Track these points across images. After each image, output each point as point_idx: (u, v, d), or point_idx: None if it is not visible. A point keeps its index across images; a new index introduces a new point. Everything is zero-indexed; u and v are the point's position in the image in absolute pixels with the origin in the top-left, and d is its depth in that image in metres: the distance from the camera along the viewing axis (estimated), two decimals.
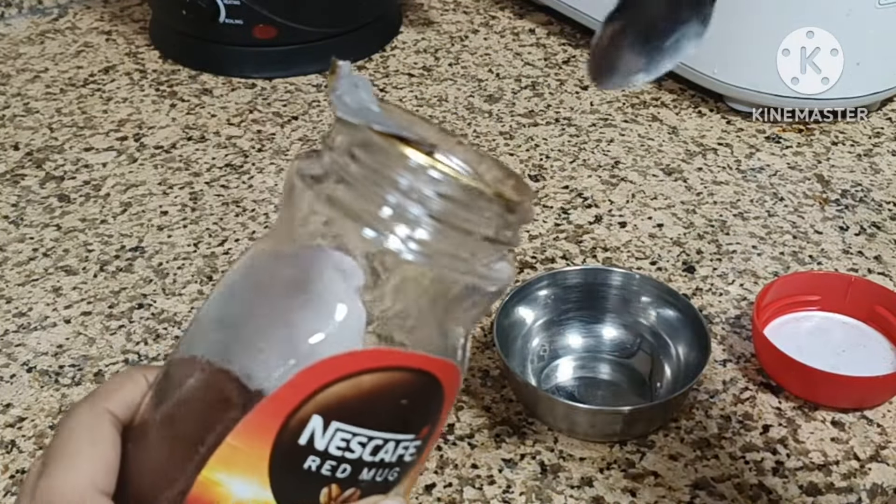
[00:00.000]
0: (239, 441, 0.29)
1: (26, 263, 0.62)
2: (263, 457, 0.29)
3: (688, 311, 0.53)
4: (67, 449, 0.31)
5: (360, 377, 0.30)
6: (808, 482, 0.48)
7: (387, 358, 0.31)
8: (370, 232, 0.29)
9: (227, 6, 0.79)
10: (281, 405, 0.29)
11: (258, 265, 0.32)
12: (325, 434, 0.30)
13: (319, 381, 0.29)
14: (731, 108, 0.78)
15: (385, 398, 0.31)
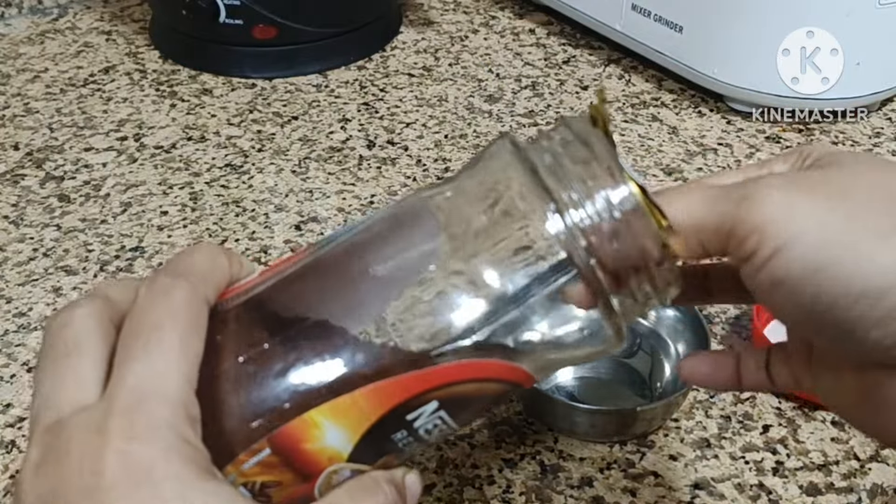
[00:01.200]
0: (365, 398, 0.29)
1: (26, 263, 0.62)
2: (371, 418, 0.29)
3: (688, 311, 0.53)
4: (170, 336, 0.27)
5: (486, 384, 0.31)
6: (808, 482, 0.48)
7: (518, 374, 0.31)
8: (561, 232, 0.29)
9: (227, 6, 0.79)
10: (423, 382, 0.30)
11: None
12: (426, 417, 0.30)
13: (462, 375, 0.30)
14: (731, 108, 0.78)
15: (484, 400, 0.32)
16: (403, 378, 0.29)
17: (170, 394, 0.26)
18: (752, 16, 0.72)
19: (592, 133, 0.31)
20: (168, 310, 0.28)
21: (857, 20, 0.71)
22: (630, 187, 0.30)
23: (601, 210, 0.29)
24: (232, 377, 0.29)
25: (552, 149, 0.31)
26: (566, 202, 0.29)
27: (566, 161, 0.30)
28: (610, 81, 0.83)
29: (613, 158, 0.30)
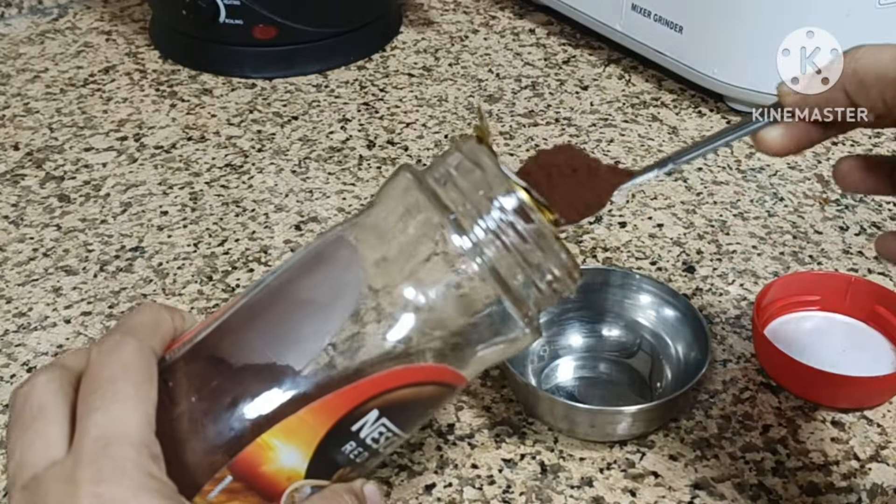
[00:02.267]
0: (311, 416, 0.32)
1: (26, 263, 0.62)
2: (320, 434, 0.32)
3: (688, 311, 0.53)
4: (125, 386, 0.30)
5: (421, 387, 0.33)
6: (808, 482, 0.48)
7: (448, 375, 0.34)
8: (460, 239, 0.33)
9: (227, 6, 0.79)
10: (361, 393, 0.32)
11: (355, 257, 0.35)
12: (371, 426, 0.33)
13: (395, 383, 0.33)
14: (731, 108, 0.78)
15: (424, 405, 0.35)
16: (342, 391, 0.32)
17: (131, 437, 0.29)
18: (752, 16, 0.72)
19: (479, 150, 0.35)
20: (119, 364, 0.30)
21: (857, 20, 0.71)
22: (518, 192, 0.34)
23: (497, 217, 0.33)
24: (187, 416, 0.32)
25: (446, 170, 0.34)
26: (464, 214, 0.33)
27: (459, 178, 0.34)
28: (610, 81, 0.83)
29: (499, 169, 0.34)
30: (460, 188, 0.34)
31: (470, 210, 0.33)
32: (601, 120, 0.78)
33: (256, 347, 0.33)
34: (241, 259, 0.62)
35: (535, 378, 0.53)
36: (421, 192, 0.34)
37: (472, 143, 0.35)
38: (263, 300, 0.34)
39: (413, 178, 0.34)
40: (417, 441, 0.49)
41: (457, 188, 0.34)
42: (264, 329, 0.33)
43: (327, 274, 0.35)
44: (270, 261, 0.62)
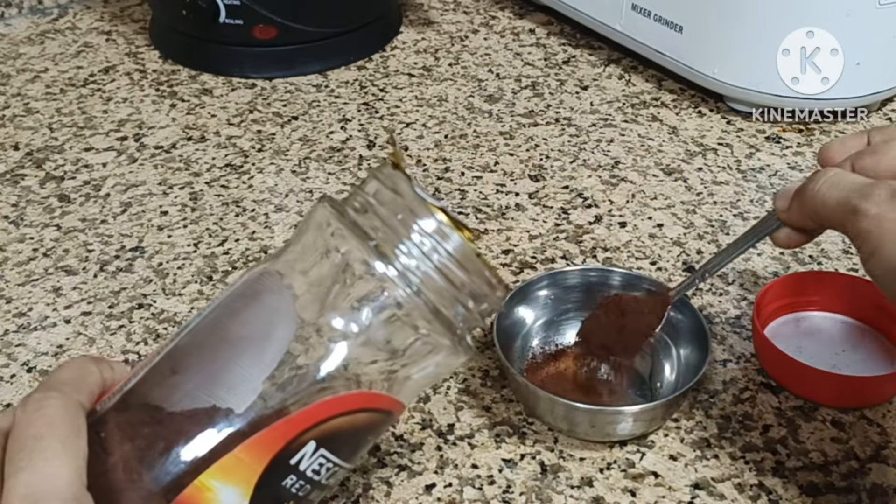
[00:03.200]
0: (246, 454, 0.32)
1: (26, 263, 0.62)
2: (258, 471, 0.32)
3: (688, 311, 0.53)
4: (50, 442, 0.30)
5: (356, 414, 0.34)
6: (808, 482, 0.48)
7: (382, 401, 0.34)
8: (382, 265, 0.33)
9: (227, 6, 0.79)
10: (291, 427, 0.32)
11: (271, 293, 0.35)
12: (310, 458, 0.33)
13: (328, 413, 0.33)
14: (731, 108, 0.78)
15: (361, 433, 0.35)
16: (276, 426, 0.32)
17: (61, 492, 0.28)
18: (752, 16, 0.72)
19: (396, 176, 0.35)
20: (44, 420, 0.30)
21: (857, 20, 0.71)
22: (435, 214, 0.34)
23: (417, 240, 0.34)
24: (122, 465, 0.31)
25: (364, 199, 0.35)
26: (385, 240, 0.34)
27: (377, 206, 0.34)
28: (610, 81, 0.83)
29: (415, 193, 0.34)
30: (379, 215, 0.34)
31: (391, 236, 0.34)
32: (601, 120, 0.78)
33: (187, 390, 0.33)
34: (241, 259, 0.62)
35: None
36: (341, 222, 0.34)
37: (388, 169, 0.35)
38: (192, 342, 0.34)
39: (332, 209, 0.35)
40: (417, 441, 0.50)
41: (376, 215, 0.34)
42: (194, 371, 0.33)
43: (254, 310, 0.35)
44: None
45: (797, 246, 0.47)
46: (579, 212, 0.67)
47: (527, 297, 0.55)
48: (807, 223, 0.45)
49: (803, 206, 0.43)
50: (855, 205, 0.39)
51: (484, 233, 0.35)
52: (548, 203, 0.68)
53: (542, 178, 0.70)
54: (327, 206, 0.35)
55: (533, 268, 0.62)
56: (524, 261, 0.62)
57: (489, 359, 0.55)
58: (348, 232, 0.34)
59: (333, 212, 0.35)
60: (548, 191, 0.69)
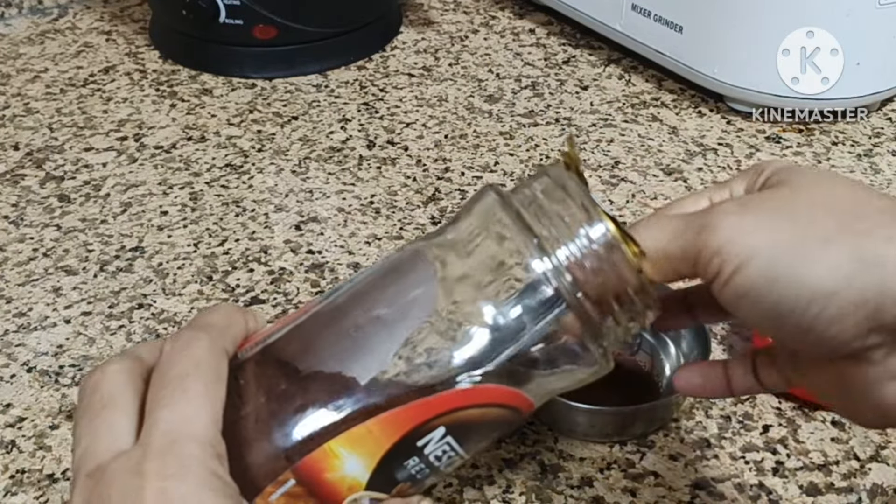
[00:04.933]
0: (378, 427, 0.32)
1: (26, 263, 0.62)
2: (385, 446, 0.32)
3: None
4: (195, 384, 0.30)
5: (489, 409, 0.33)
6: (808, 482, 0.48)
7: (517, 399, 0.34)
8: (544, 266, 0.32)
9: (227, 6, 0.79)
10: (429, 409, 0.32)
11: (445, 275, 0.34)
12: (437, 442, 0.33)
13: (465, 402, 0.33)
14: (731, 108, 0.78)
15: (490, 427, 0.34)
16: (411, 406, 0.32)
17: (198, 435, 0.29)
18: (752, 16, 0.72)
19: (566, 176, 0.34)
20: (191, 360, 0.31)
21: (857, 20, 0.71)
22: (605, 222, 0.33)
23: (581, 244, 0.33)
24: (254, 417, 0.32)
25: (532, 193, 0.34)
26: (548, 239, 0.33)
27: (545, 203, 0.33)
28: (610, 81, 0.83)
29: (587, 197, 0.33)
30: (546, 212, 0.33)
31: (554, 235, 0.33)
32: (601, 120, 0.78)
33: (328, 356, 0.33)
34: (241, 259, 0.62)
35: None
36: (505, 212, 0.33)
37: (560, 168, 0.35)
38: (338, 309, 0.34)
39: (498, 197, 0.34)
40: None
41: (542, 212, 0.33)
42: (336, 339, 0.33)
43: (402, 288, 0.34)
44: (270, 261, 0.62)
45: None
46: None
47: None
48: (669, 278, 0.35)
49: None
50: (701, 223, 0.33)
51: (643, 254, 0.33)
52: None
53: None
54: (494, 195, 0.34)
55: None
56: None
57: None
58: (512, 223, 0.33)
59: (500, 200, 0.34)
60: None
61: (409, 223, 0.66)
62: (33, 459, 0.49)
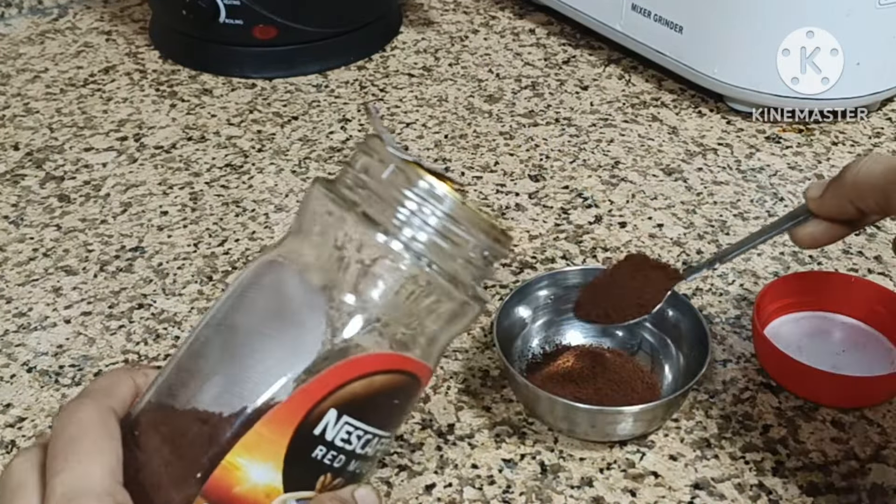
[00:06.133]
0: (267, 428, 0.32)
1: (26, 263, 0.62)
2: (283, 444, 0.32)
3: (688, 311, 0.53)
4: (83, 444, 0.32)
5: (372, 378, 0.33)
6: (808, 482, 0.48)
7: (396, 362, 0.34)
8: (382, 237, 0.33)
9: (227, 6, 0.79)
10: (307, 398, 0.32)
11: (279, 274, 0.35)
12: (335, 427, 0.33)
13: (342, 378, 0.33)
14: (731, 108, 0.78)
15: (385, 397, 0.35)
16: (291, 398, 0.32)
17: (94, 488, 0.31)
18: (752, 16, 0.72)
19: (376, 145, 0.35)
20: (77, 425, 0.32)
21: (857, 20, 0.71)
22: (422, 175, 0.34)
23: (411, 206, 0.34)
24: (155, 461, 0.33)
25: (353, 174, 0.35)
26: (380, 212, 0.34)
27: (366, 178, 0.34)
28: (610, 81, 0.83)
29: (398, 157, 0.34)
30: (371, 188, 0.34)
31: (386, 208, 0.34)
32: (601, 120, 0.78)
33: (205, 379, 0.34)
34: (241, 259, 0.62)
35: None
36: (335, 203, 0.34)
37: (372, 141, 0.36)
38: (209, 336, 0.35)
39: (325, 189, 0.35)
40: (417, 441, 0.50)
41: (366, 188, 0.34)
42: (210, 362, 0.34)
43: (261, 297, 0.35)
44: None
45: (819, 245, 0.45)
46: (579, 212, 0.67)
47: (527, 297, 0.55)
48: (843, 208, 0.43)
49: (841, 188, 0.42)
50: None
51: (463, 189, 0.35)
52: (548, 203, 0.68)
53: (542, 178, 0.70)
54: (321, 188, 0.35)
55: (533, 268, 0.62)
56: (524, 261, 0.62)
57: (489, 359, 0.55)
58: (345, 211, 0.34)
59: (327, 192, 0.35)
60: (548, 191, 0.69)
61: None
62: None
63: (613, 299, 0.50)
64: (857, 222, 0.44)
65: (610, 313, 0.50)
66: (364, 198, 0.34)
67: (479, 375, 0.54)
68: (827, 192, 0.43)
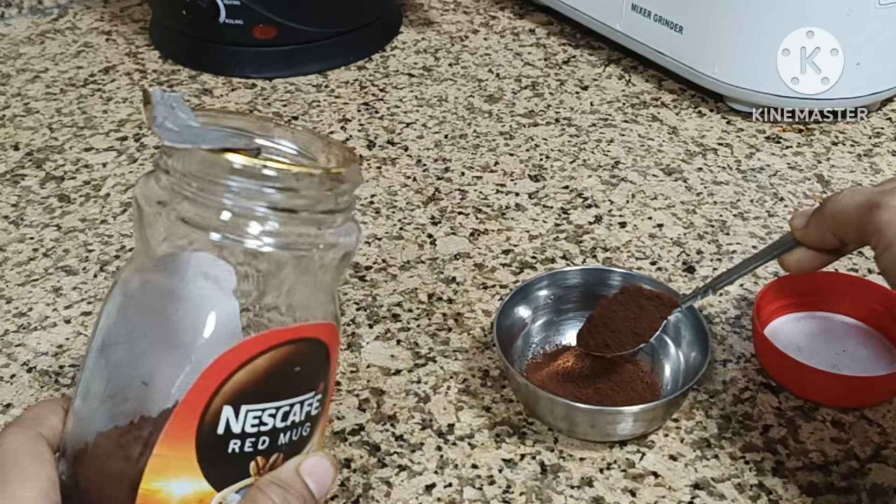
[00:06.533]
0: (165, 449, 0.32)
1: (26, 263, 0.62)
2: (190, 456, 0.32)
3: (688, 311, 0.53)
4: (13, 469, 0.32)
5: (253, 362, 0.33)
6: (808, 482, 0.48)
7: (270, 339, 0.33)
8: (216, 235, 0.32)
9: (227, 6, 0.79)
10: (192, 408, 0.32)
11: (133, 292, 0.35)
12: (238, 419, 0.33)
13: (219, 378, 0.32)
14: (731, 108, 0.78)
15: (280, 371, 0.34)
16: (176, 415, 0.32)
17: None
18: (752, 16, 0.72)
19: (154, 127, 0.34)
20: (6, 453, 0.32)
21: (857, 20, 0.71)
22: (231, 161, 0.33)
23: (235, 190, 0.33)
24: (85, 494, 0.33)
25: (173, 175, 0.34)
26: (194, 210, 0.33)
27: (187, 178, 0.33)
28: (610, 81, 0.83)
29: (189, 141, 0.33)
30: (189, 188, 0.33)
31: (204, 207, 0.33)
32: (601, 120, 0.78)
33: (94, 412, 0.34)
34: None
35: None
36: (164, 210, 0.33)
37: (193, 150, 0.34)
38: (88, 365, 0.35)
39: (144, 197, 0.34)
40: (417, 441, 0.50)
41: (188, 187, 0.33)
42: (94, 392, 0.34)
43: (122, 320, 0.35)
44: None
45: (806, 272, 0.48)
46: (579, 212, 0.67)
47: (527, 297, 0.55)
48: (825, 237, 0.45)
49: (822, 219, 0.44)
50: (876, 201, 0.40)
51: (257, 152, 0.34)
52: (548, 203, 0.68)
53: (542, 178, 0.70)
54: (139, 196, 0.34)
55: (533, 268, 0.62)
56: (524, 261, 0.62)
57: (489, 359, 0.55)
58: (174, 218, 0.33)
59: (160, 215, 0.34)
60: (548, 191, 0.69)
61: (409, 223, 0.66)
62: None
63: (610, 331, 0.51)
64: (840, 251, 0.46)
65: (609, 343, 0.51)
66: (179, 199, 0.33)
67: (479, 375, 0.54)
68: (810, 223, 0.45)
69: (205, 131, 0.34)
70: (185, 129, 0.33)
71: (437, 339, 0.56)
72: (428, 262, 0.62)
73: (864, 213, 0.41)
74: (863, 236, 0.41)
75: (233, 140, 0.33)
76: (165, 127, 0.33)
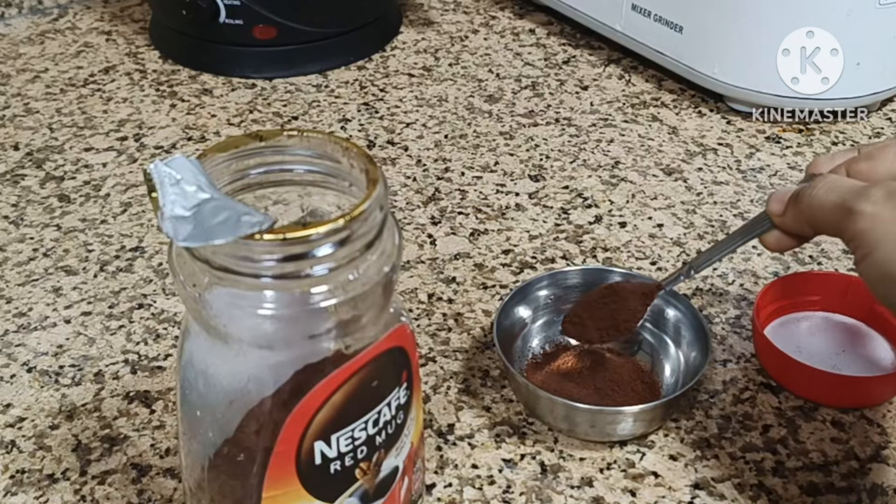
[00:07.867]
0: (272, 493, 0.34)
1: (26, 263, 0.62)
2: (298, 489, 0.34)
3: (688, 311, 0.53)
4: None
5: (332, 399, 0.33)
6: (808, 482, 0.48)
7: (344, 374, 0.34)
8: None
9: (227, 6, 0.79)
10: (285, 456, 0.33)
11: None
12: (331, 447, 0.34)
13: (303, 422, 0.33)
14: (731, 108, 0.78)
15: (358, 394, 0.34)
16: (274, 462, 0.34)
17: None
18: (752, 16, 0.72)
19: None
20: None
21: (857, 20, 0.71)
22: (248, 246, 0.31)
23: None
24: None
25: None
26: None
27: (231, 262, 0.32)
28: (610, 81, 0.83)
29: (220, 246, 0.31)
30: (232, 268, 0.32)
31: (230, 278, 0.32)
32: (601, 120, 0.78)
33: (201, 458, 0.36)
34: None
35: None
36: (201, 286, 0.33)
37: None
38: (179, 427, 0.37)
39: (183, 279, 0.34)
40: None
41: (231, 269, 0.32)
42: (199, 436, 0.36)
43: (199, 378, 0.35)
44: None
45: (787, 250, 0.47)
46: (579, 212, 0.67)
47: (527, 297, 0.55)
48: (802, 229, 0.44)
49: (799, 212, 0.43)
50: (850, 206, 0.39)
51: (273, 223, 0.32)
52: (548, 203, 0.68)
53: (542, 178, 0.70)
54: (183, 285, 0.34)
55: (533, 268, 0.62)
56: (524, 261, 0.62)
57: (489, 359, 0.55)
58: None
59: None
60: (548, 191, 0.69)
61: (410, 223, 0.66)
62: (33, 459, 0.49)
63: (593, 321, 0.52)
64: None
65: (591, 334, 0.52)
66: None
67: (479, 375, 0.54)
68: (787, 214, 0.44)
69: (216, 209, 0.31)
70: (196, 213, 0.31)
71: (437, 338, 0.56)
72: (428, 262, 0.62)
73: (840, 218, 0.40)
74: (841, 237, 0.41)
75: (245, 218, 0.31)
76: (176, 216, 0.31)
